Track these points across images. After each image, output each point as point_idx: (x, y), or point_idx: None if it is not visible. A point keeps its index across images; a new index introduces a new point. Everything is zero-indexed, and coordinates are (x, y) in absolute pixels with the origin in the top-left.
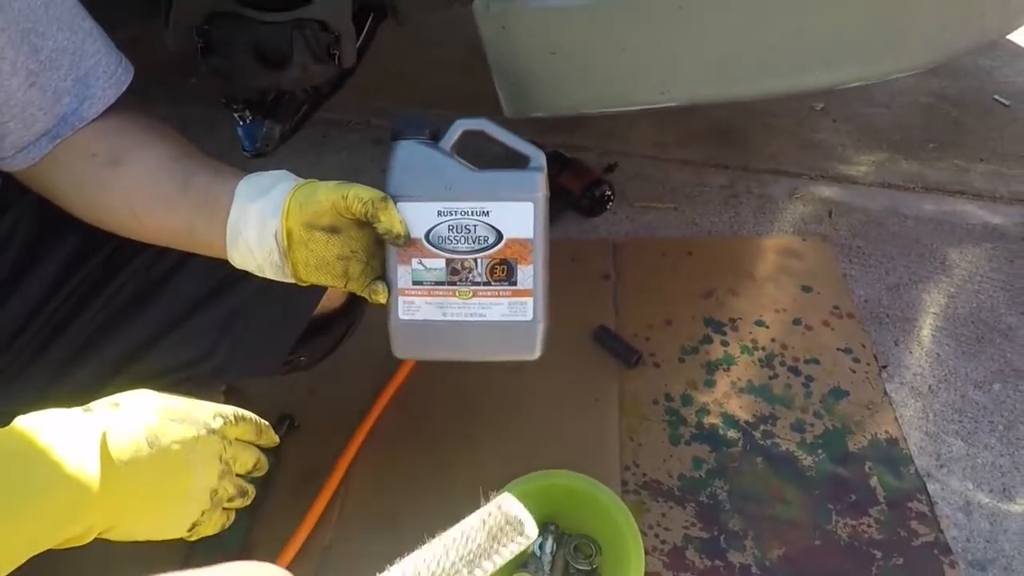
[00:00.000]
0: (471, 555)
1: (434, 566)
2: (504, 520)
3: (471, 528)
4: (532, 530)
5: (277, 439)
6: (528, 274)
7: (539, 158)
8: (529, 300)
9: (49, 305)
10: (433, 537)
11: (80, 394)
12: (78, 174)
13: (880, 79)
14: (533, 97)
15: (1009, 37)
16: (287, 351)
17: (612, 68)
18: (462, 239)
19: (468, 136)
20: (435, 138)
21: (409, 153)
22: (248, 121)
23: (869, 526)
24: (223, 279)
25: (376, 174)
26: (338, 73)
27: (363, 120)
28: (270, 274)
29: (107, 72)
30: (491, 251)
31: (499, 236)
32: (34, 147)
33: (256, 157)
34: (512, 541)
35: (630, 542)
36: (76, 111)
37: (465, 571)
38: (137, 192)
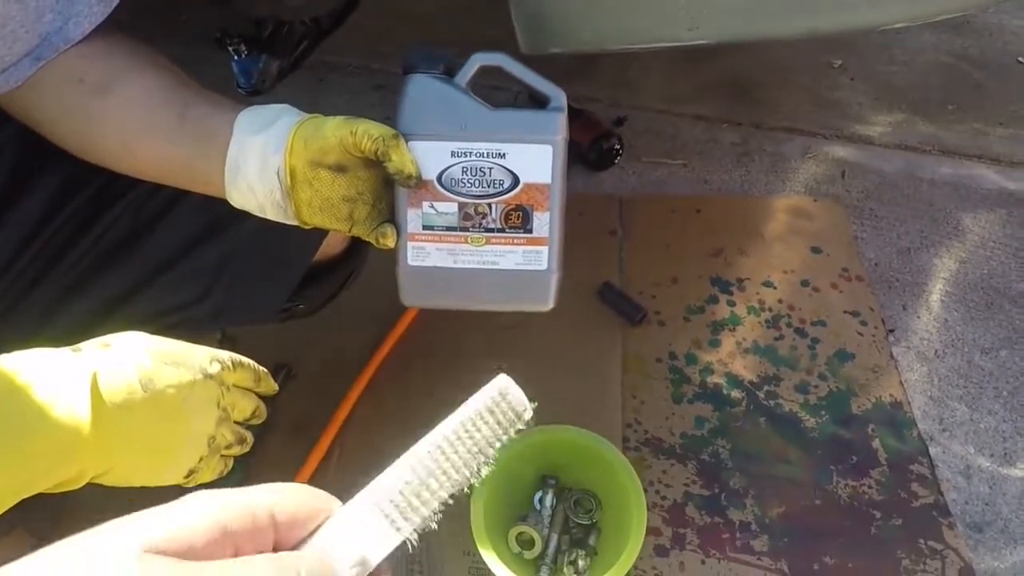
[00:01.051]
0: (477, 448)
1: (447, 465)
2: (511, 411)
3: (478, 418)
4: (530, 414)
5: (276, 386)
6: (544, 221)
7: (560, 98)
8: (544, 249)
9: (34, 243)
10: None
11: (68, 337)
12: (64, 101)
13: (930, 18)
14: (552, 29)
15: None
16: (285, 298)
17: None
18: (476, 182)
19: (482, 76)
20: (449, 73)
21: (422, 88)
22: (244, 56)
23: (870, 487)
24: (219, 219)
25: (377, 121)
26: (340, 3)
27: (363, 65)
28: (271, 215)
29: None
30: (506, 196)
31: (515, 180)
32: (15, 69)
33: (252, 95)
34: (512, 427)
35: (632, 497)
36: (60, 30)
37: (474, 464)
38: (129, 122)
